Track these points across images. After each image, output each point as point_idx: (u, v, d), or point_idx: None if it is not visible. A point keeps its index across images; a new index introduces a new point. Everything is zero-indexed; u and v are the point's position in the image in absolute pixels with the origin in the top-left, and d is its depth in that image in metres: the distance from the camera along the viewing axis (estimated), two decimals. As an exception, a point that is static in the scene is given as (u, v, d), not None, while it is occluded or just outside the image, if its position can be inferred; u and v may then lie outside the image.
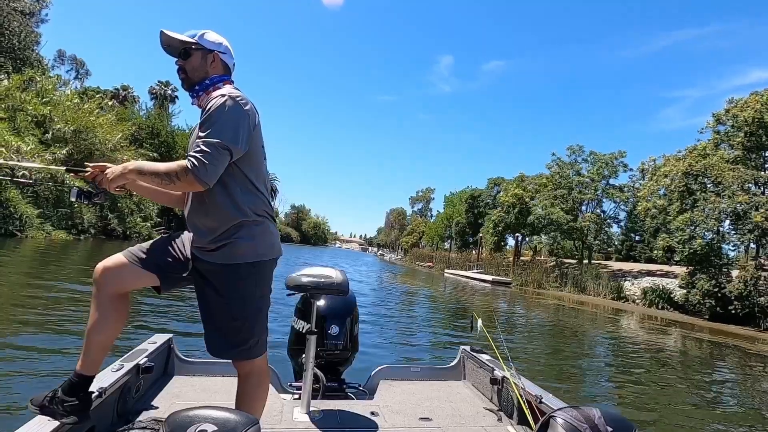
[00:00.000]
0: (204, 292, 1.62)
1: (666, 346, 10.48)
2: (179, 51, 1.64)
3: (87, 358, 1.56)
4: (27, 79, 23.73)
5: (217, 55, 1.66)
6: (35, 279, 8.20)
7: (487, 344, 2.62)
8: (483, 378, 2.71)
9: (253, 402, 1.67)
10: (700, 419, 4.67)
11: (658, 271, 24.42)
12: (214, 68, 1.66)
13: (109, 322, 1.57)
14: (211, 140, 1.46)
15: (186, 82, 1.65)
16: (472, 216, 47.55)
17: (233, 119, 1.50)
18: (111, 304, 1.57)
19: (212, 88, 1.62)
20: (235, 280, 1.58)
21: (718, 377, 7.57)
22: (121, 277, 1.57)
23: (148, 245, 1.66)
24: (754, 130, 18.46)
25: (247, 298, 1.60)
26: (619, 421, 1.30)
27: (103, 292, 1.56)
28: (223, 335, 1.61)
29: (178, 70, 1.64)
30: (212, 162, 1.45)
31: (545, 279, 29.09)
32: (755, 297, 16.60)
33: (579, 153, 32.47)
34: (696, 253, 18.28)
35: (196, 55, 1.63)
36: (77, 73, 51.13)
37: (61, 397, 1.53)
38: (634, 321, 15.69)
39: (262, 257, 1.61)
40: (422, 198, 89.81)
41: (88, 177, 1.61)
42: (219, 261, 1.57)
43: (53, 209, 19.80)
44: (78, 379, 1.56)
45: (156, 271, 1.60)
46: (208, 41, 1.64)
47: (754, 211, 17.03)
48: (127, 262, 1.58)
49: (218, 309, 1.60)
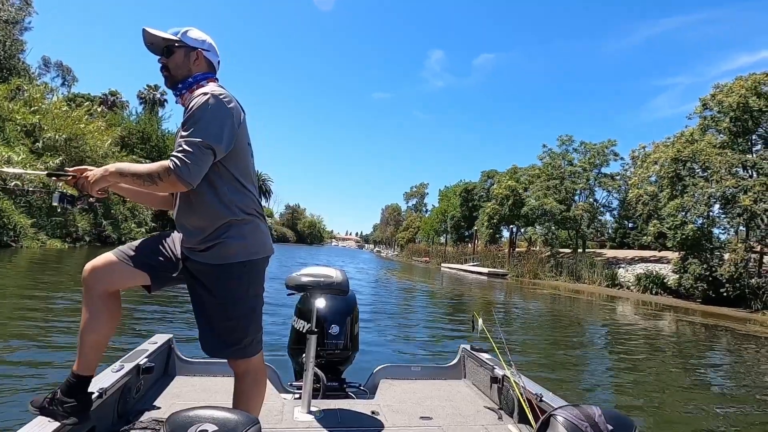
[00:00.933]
0: (196, 292, 1.60)
1: (661, 331, 10.68)
2: (162, 49, 1.61)
3: (82, 358, 1.55)
4: (14, 88, 23.53)
5: (200, 52, 1.63)
6: (33, 289, 8.22)
7: (487, 342, 2.65)
8: (483, 377, 2.72)
9: (250, 400, 1.66)
10: (696, 404, 4.77)
11: (651, 257, 24.70)
12: (197, 66, 1.63)
13: (101, 321, 1.55)
14: (193, 139, 1.43)
15: (169, 79, 1.63)
16: (467, 209, 47.69)
17: (216, 118, 1.48)
18: (102, 303, 1.54)
19: (195, 86, 1.60)
20: (227, 280, 1.56)
21: (712, 360, 7.73)
22: (111, 276, 1.55)
23: (138, 244, 1.63)
24: (739, 114, 18.64)
25: (240, 298, 1.58)
26: (619, 419, 1.31)
27: (93, 291, 1.54)
28: (217, 335, 1.58)
29: (162, 68, 1.63)
30: (195, 162, 1.42)
31: (541, 269, 29.35)
32: (746, 279, 16.91)
33: (569, 143, 32.71)
34: (687, 238, 18.53)
35: (179, 53, 1.60)
36: (64, 80, 50.53)
37: (60, 398, 1.52)
38: (629, 307, 15.90)
39: (253, 256, 1.59)
40: (416, 193, 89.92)
41: (69, 182, 1.58)
42: (210, 261, 1.55)
43: (47, 218, 19.70)
44: (75, 379, 1.55)
45: (147, 270, 1.57)
46: (191, 39, 1.62)
47: (743, 194, 17.28)
48: (116, 261, 1.56)
49: (211, 309, 1.58)
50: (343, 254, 56.65)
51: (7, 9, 29.81)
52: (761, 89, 18.45)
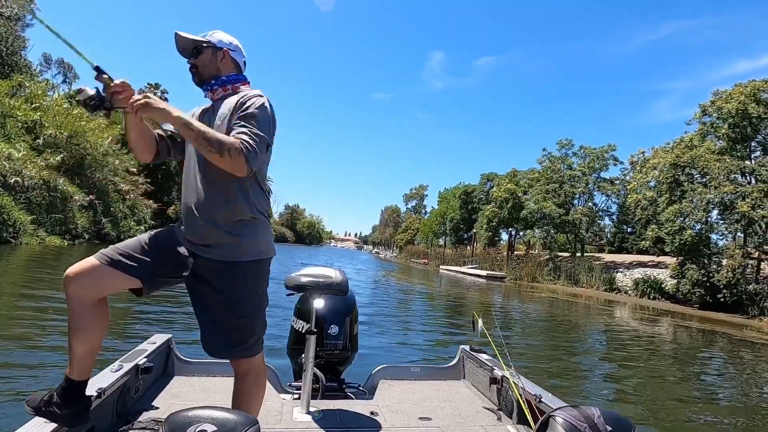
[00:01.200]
0: (199, 291, 1.59)
1: (658, 336, 10.70)
2: (191, 50, 1.69)
3: (75, 365, 1.50)
4: (16, 84, 23.56)
5: (226, 52, 1.71)
6: (36, 283, 8.25)
7: (486, 343, 2.65)
8: (482, 377, 2.72)
9: (250, 400, 1.66)
10: (693, 408, 4.78)
11: (649, 262, 24.77)
12: (224, 64, 1.71)
13: (89, 331, 1.49)
14: (259, 132, 1.50)
15: (197, 76, 1.70)
16: (466, 212, 47.74)
17: (271, 122, 1.59)
18: (89, 312, 1.48)
19: (230, 85, 1.69)
20: (238, 278, 1.56)
21: (709, 365, 7.77)
22: (96, 283, 1.48)
23: (126, 245, 1.57)
24: (738, 121, 18.70)
25: (249, 296, 1.59)
26: (618, 420, 1.30)
27: (77, 301, 1.47)
28: (224, 334, 1.58)
29: (190, 67, 1.70)
30: (260, 151, 1.50)
31: (539, 272, 29.38)
32: (743, 285, 16.97)
33: (569, 147, 32.81)
34: (686, 244, 18.59)
35: (207, 53, 1.68)
36: (65, 77, 50.60)
37: (56, 400, 1.50)
38: (626, 312, 15.94)
39: (263, 255, 1.62)
40: (416, 195, 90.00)
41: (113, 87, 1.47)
42: (221, 258, 1.54)
43: (46, 215, 19.73)
44: (68, 384, 1.51)
45: (137, 273, 1.51)
46: (218, 40, 1.70)
47: (741, 200, 17.35)
48: (100, 265, 1.48)
49: (216, 308, 1.57)
50: (341, 255, 56.65)
51: (9, 6, 29.84)
52: (760, 96, 18.52)
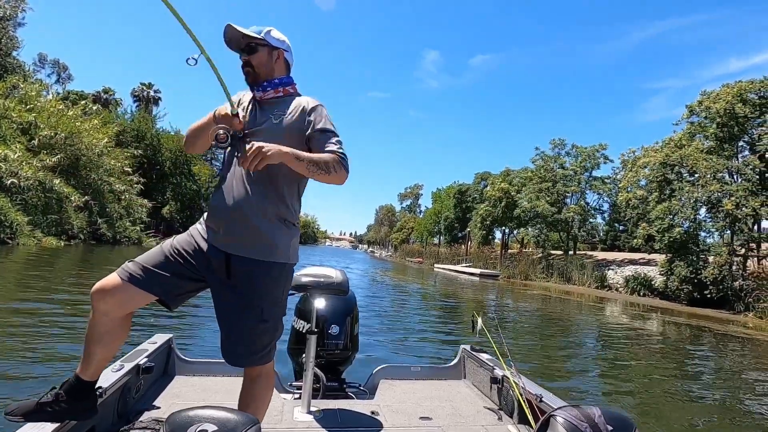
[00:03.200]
0: (227, 294, 1.55)
1: (648, 331, 10.98)
2: (242, 46, 1.63)
3: (89, 367, 1.51)
4: (9, 86, 23.54)
5: (281, 52, 1.67)
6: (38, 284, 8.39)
7: (486, 343, 2.64)
8: (483, 377, 2.71)
9: (259, 404, 1.63)
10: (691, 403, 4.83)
11: (640, 260, 25.16)
12: (278, 65, 1.67)
13: (111, 342, 1.51)
14: (341, 140, 1.58)
15: (251, 76, 1.64)
16: (460, 211, 48.07)
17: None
18: (113, 325, 1.49)
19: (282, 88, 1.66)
20: (269, 278, 1.54)
21: (699, 360, 7.98)
22: (120, 303, 1.47)
23: (147, 260, 1.53)
24: (726, 121, 19.08)
25: (275, 300, 1.58)
26: (619, 419, 1.30)
27: (103, 318, 1.47)
28: (246, 342, 1.54)
29: (244, 64, 1.64)
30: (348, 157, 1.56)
31: (532, 270, 29.77)
32: (729, 281, 17.39)
33: (561, 146, 33.18)
34: (675, 241, 18.97)
35: (263, 51, 1.62)
36: (59, 77, 50.29)
37: (64, 398, 1.49)
38: (617, 308, 16.25)
39: (292, 259, 1.63)
40: (411, 194, 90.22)
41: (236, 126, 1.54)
42: (255, 257, 1.51)
43: (42, 216, 19.79)
44: (78, 382, 1.51)
45: (160, 291, 1.51)
46: (274, 38, 1.64)
47: (726, 199, 17.76)
48: (121, 284, 1.46)
49: (243, 311, 1.52)
50: (336, 254, 56.75)
51: (2, 6, 29.70)
52: (747, 96, 18.92)
